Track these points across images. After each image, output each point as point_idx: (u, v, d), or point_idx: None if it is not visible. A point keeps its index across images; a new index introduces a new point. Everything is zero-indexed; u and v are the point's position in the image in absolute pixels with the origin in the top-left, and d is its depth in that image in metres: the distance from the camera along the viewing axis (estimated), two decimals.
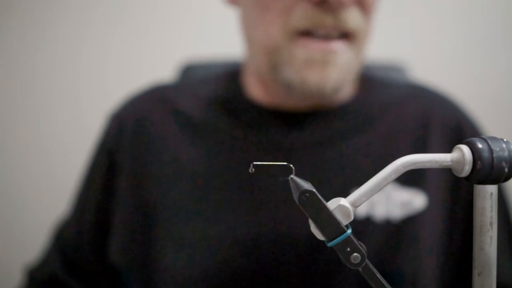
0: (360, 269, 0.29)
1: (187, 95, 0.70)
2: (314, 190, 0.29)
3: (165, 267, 0.62)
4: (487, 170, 0.28)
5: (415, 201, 0.61)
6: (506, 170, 0.28)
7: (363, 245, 0.29)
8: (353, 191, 0.30)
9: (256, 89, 0.66)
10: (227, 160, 0.64)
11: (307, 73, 0.58)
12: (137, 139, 0.67)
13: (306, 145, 0.63)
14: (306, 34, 0.57)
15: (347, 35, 0.58)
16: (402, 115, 0.66)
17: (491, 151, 0.28)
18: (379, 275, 0.29)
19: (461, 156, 0.29)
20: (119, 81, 1.08)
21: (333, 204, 0.29)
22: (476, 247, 0.29)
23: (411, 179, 0.61)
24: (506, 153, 0.28)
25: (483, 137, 0.29)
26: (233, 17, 0.66)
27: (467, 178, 0.29)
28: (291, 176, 0.30)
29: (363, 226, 0.59)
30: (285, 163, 0.30)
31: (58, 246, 0.70)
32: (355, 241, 0.29)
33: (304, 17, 0.56)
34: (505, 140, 0.29)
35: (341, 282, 0.59)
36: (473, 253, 0.30)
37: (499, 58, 1.22)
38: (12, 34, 1.18)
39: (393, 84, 0.72)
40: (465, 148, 0.29)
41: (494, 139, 0.29)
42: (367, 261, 0.29)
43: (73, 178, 0.80)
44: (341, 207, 0.29)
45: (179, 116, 0.67)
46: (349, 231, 0.29)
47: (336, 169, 0.62)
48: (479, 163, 0.28)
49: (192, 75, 0.84)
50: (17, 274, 0.77)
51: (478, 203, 0.29)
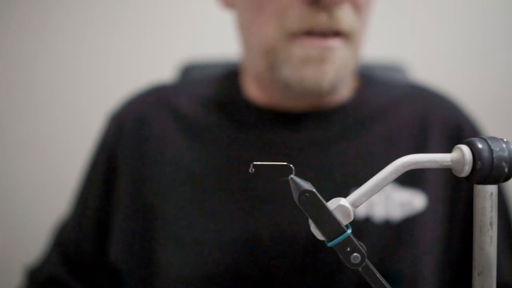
0: (360, 269, 0.29)
1: (187, 95, 0.70)
2: (314, 190, 0.29)
3: (164, 267, 0.62)
4: (487, 170, 0.28)
5: (414, 201, 0.61)
6: (506, 170, 0.28)
7: (363, 245, 0.29)
8: (353, 191, 0.30)
9: (254, 90, 0.66)
10: (226, 160, 0.64)
11: (304, 71, 0.58)
12: (136, 139, 0.67)
13: (304, 145, 0.63)
14: (303, 33, 0.57)
15: (342, 34, 0.58)
16: (401, 115, 0.66)
17: (491, 151, 0.28)
18: (379, 275, 0.29)
19: (461, 156, 0.29)
20: (119, 81, 1.08)
21: (333, 204, 0.29)
22: (476, 247, 0.29)
23: (410, 179, 0.61)
24: (506, 153, 0.28)
25: (483, 137, 0.29)
26: (232, 18, 0.67)
27: (467, 178, 0.29)
28: (291, 176, 0.30)
29: (362, 226, 0.59)
30: (285, 163, 0.30)
31: (58, 246, 0.70)
32: (355, 241, 0.29)
33: (298, 18, 0.56)
34: (505, 140, 0.29)
35: (341, 282, 0.59)
36: (473, 253, 0.30)
37: (499, 58, 1.22)
38: (12, 34, 1.18)
39: (393, 84, 0.72)
40: (465, 148, 0.29)
41: (494, 139, 0.29)
42: (367, 261, 0.29)
43: (73, 178, 0.80)
44: (341, 207, 0.29)
45: (179, 116, 0.67)
46: (349, 231, 0.29)
47: (335, 169, 0.62)
48: (479, 163, 0.28)
49: (191, 75, 0.84)
50: (17, 274, 0.77)
51: (478, 203, 0.29)
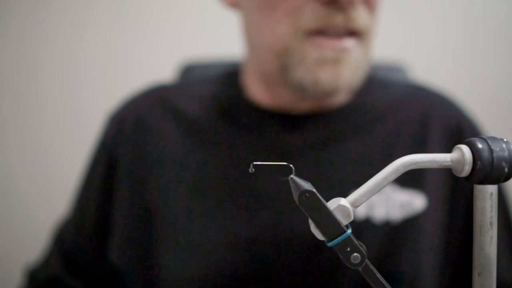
0: (360, 269, 0.29)
1: (187, 95, 0.70)
2: (314, 190, 0.29)
3: (164, 268, 0.62)
4: (487, 170, 0.28)
5: (414, 202, 0.61)
6: (506, 170, 0.28)
7: (363, 245, 0.29)
8: (353, 191, 0.30)
9: (256, 90, 0.66)
10: (226, 161, 0.64)
11: (319, 73, 0.57)
12: (136, 139, 0.67)
13: (306, 146, 0.63)
14: (316, 33, 0.56)
15: (356, 34, 0.57)
16: (402, 115, 0.66)
17: (491, 151, 0.28)
18: (379, 275, 0.29)
19: (461, 156, 0.29)
20: (119, 82, 1.08)
21: (333, 204, 0.29)
22: (476, 247, 0.29)
23: (410, 180, 0.61)
24: (506, 153, 0.28)
25: (483, 137, 0.29)
26: (233, 17, 0.67)
27: (467, 178, 0.29)
28: (291, 176, 0.30)
29: (363, 227, 0.59)
30: (285, 163, 0.30)
31: (58, 247, 0.70)
32: (355, 241, 0.29)
33: (314, 17, 0.55)
34: (505, 140, 0.29)
35: (341, 282, 0.59)
36: (473, 253, 0.30)
37: (499, 58, 1.22)
38: (12, 35, 1.18)
39: (393, 84, 0.72)
40: (465, 148, 0.29)
41: (494, 139, 0.29)
42: (367, 261, 0.29)
43: (73, 178, 0.80)
44: (341, 207, 0.29)
45: (179, 116, 0.67)
46: (349, 231, 0.29)
47: (336, 170, 0.62)
48: (479, 163, 0.28)
49: (192, 75, 0.84)
50: (17, 275, 0.77)
51: (478, 203, 0.29)
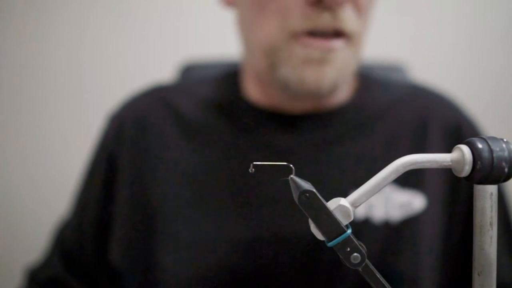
0: (360, 269, 0.29)
1: (187, 96, 0.70)
2: (314, 190, 0.29)
3: (164, 268, 0.62)
4: (487, 170, 0.28)
5: (414, 202, 0.61)
6: (506, 170, 0.28)
7: (363, 245, 0.29)
8: (353, 192, 0.30)
9: (254, 91, 0.66)
10: (225, 161, 0.64)
11: (304, 72, 0.57)
12: (136, 139, 0.67)
13: (304, 147, 0.63)
14: (305, 33, 0.57)
15: (344, 35, 0.57)
16: (401, 115, 0.66)
17: (491, 151, 0.28)
18: (379, 275, 0.29)
19: (461, 156, 0.29)
20: (119, 82, 1.08)
21: (333, 204, 0.29)
22: (476, 247, 0.29)
23: (410, 180, 0.61)
24: (506, 153, 0.28)
25: (483, 137, 0.29)
26: (232, 18, 0.66)
27: (467, 178, 0.29)
28: (291, 176, 0.29)
29: (362, 227, 0.59)
30: (285, 163, 0.30)
31: (59, 247, 0.70)
32: (355, 241, 0.29)
33: (301, 17, 0.56)
34: (505, 140, 0.29)
35: (341, 282, 0.59)
36: (473, 253, 0.30)
37: (499, 58, 1.22)
38: (12, 35, 1.18)
39: (392, 84, 0.72)
40: (465, 148, 0.29)
41: (494, 139, 0.29)
42: (367, 261, 0.29)
43: (73, 178, 0.80)
44: (341, 207, 0.29)
45: (179, 117, 0.67)
46: (349, 231, 0.29)
47: (335, 170, 0.62)
48: (479, 163, 0.28)
49: (192, 75, 0.84)
50: (17, 275, 0.77)
51: (478, 203, 0.29)
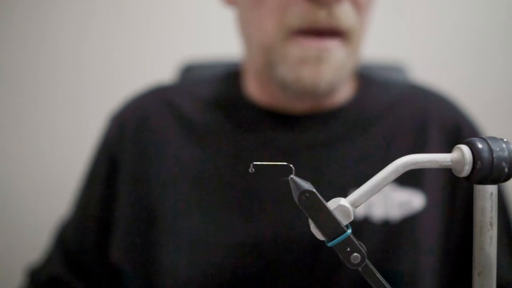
0: (360, 269, 0.29)
1: (188, 96, 0.70)
2: (314, 190, 0.29)
3: (165, 268, 0.62)
4: (487, 170, 0.28)
5: (413, 201, 0.61)
6: (506, 170, 0.28)
7: (363, 245, 0.29)
8: (353, 191, 0.30)
9: (255, 90, 0.66)
10: (226, 160, 0.64)
11: (301, 71, 0.57)
12: (137, 140, 0.67)
13: (305, 146, 0.63)
14: (301, 32, 0.57)
15: (342, 34, 0.57)
16: (401, 115, 0.66)
17: (491, 151, 0.28)
18: (379, 275, 0.29)
19: (461, 156, 0.29)
20: (120, 82, 1.08)
21: (333, 204, 0.29)
22: (476, 247, 0.29)
23: (409, 179, 0.61)
24: (506, 153, 0.28)
25: (483, 137, 0.29)
26: (233, 17, 0.67)
27: (467, 178, 0.29)
28: (291, 176, 0.30)
29: (362, 226, 0.59)
30: (285, 163, 0.30)
31: (60, 246, 0.70)
32: (355, 241, 0.29)
33: (298, 15, 0.56)
34: (505, 140, 0.29)
35: (341, 282, 0.59)
36: (473, 253, 0.30)
37: (499, 58, 1.22)
38: (12, 35, 1.18)
39: (392, 84, 0.72)
40: (465, 148, 0.29)
41: (494, 139, 0.29)
42: (367, 261, 0.29)
43: (75, 178, 0.80)
44: (341, 207, 0.29)
45: (180, 117, 0.67)
46: (349, 231, 0.29)
47: (335, 170, 0.62)
48: (479, 163, 0.28)
49: (192, 75, 0.84)
50: (18, 274, 0.77)
51: (478, 203, 0.29)
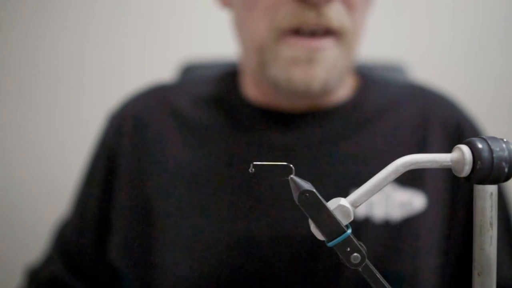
0: (360, 269, 0.29)
1: (186, 95, 0.70)
2: (314, 190, 0.29)
3: (163, 267, 0.62)
4: (487, 170, 0.28)
5: (414, 201, 0.61)
6: (506, 170, 0.28)
7: (363, 245, 0.29)
8: (353, 191, 0.30)
9: (252, 90, 0.66)
10: (225, 160, 0.64)
11: (292, 71, 0.57)
12: (136, 139, 0.67)
13: (303, 145, 0.63)
14: (292, 32, 0.57)
15: (333, 33, 0.57)
16: (401, 115, 0.66)
17: (491, 151, 0.28)
18: (379, 275, 0.29)
19: (461, 156, 0.29)
20: (119, 81, 1.08)
21: (333, 204, 0.29)
22: (476, 247, 0.29)
23: (410, 179, 0.61)
24: (506, 153, 0.28)
25: (483, 137, 0.29)
26: (229, 17, 0.67)
27: (467, 178, 0.29)
28: (291, 176, 0.29)
29: (362, 227, 0.59)
30: (285, 163, 0.30)
31: (59, 246, 0.70)
32: (355, 241, 0.29)
33: (288, 15, 0.56)
34: (505, 140, 0.29)
35: (341, 282, 0.59)
36: (473, 253, 0.30)
37: (499, 58, 1.22)
38: (12, 35, 1.18)
39: (392, 84, 0.72)
40: (465, 148, 0.29)
41: (494, 139, 0.29)
42: (367, 261, 0.29)
43: (73, 178, 0.80)
44: (341, 207, 0.29)
45: (178, 116, 0.67)
46: (349, 231, 0.29)
47: (334, 169, 0.62)
48: (479, 163, 0.28)
49: (192, 75, 0.84)
50: (17, 274, 0.77)
51: (478, 203, 0.29)
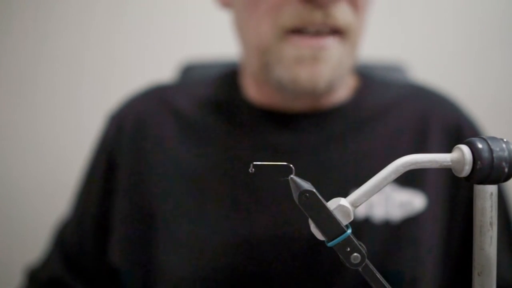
0: (360, 269, 0.29)
1: (186, 95, 0.70)
2: (314, 190, 0.29)
3: (163, 267, 0.62)
4: (487, 170, 0.28)
5: (414, 201, 0.61)
6: (506, 170, 0.28)
7: (363, 245, 0.29)
8: (353, 191, 0.30)
9: (253, 90, 0.66)
10: (225, 160, 0.64)
11: (297, 71, 0.57)
12: (136, 139, 0.67)
13: (303, 146, 0.63)
14: (296, 31, 0.56)
15: (338, 31, 0.57)
16: (401, 115, 0.66)
17: (491, 151, 0.28)
18: (379, 275, 0.29)
19: (461, 156, 0.29)
20: (119, 81, 1.09)
21: (333, 204, 0.29)
22: (476, 247, 0.29)
23: (410, 179, 0.61)
24: (506, 153, 0.28)
25: (483, 137, 0.29)
26: (230, 17, 0.66)
27: (467, 178, 0.29)
28: (291, 176, 0.29)
29: (362, 227, 0.59)
30: (286, 163, 0.30)
31: (59, 247, 0.70)
32: (355, 241, 0.29)
33: (293, 15, 0.56)
34: (505, 140, 0.29)
35: (341, 282, 0.59)
36: (473, 253, 0.30)
37: (499, 58, 1.22)
38: (13, 35, 1.18)
39: (393, 84, 0.72)
40: (465, 148, 0.29)
41: (494, 139, 0.29)
42: (367, 261, 0.29)
43: (73, 178, 0.80)
44: (341, 207, 0.29)
45: (178, 116, 0.67)
46: (349, 231, 0.29)
47: (334, 169, 0.62)
48: (479, 163, 0.28)
49: (192, 75, 0.84)
50: (17, 275, 0.77)
51: (478, 203, 0.29)
